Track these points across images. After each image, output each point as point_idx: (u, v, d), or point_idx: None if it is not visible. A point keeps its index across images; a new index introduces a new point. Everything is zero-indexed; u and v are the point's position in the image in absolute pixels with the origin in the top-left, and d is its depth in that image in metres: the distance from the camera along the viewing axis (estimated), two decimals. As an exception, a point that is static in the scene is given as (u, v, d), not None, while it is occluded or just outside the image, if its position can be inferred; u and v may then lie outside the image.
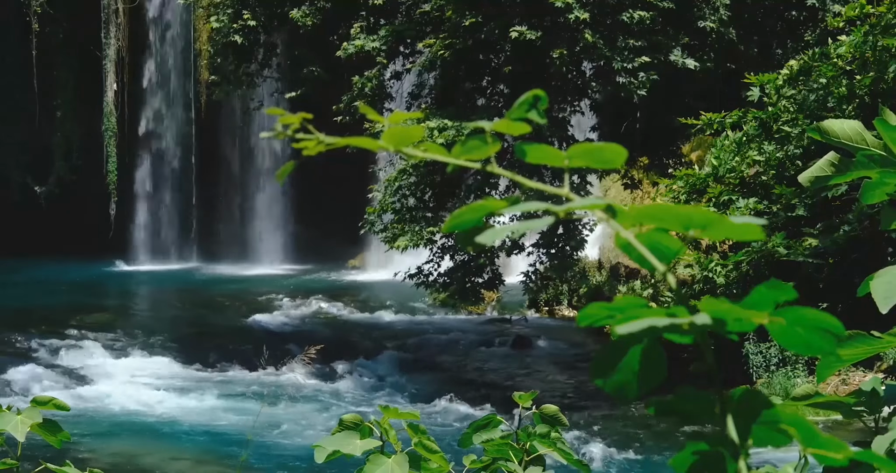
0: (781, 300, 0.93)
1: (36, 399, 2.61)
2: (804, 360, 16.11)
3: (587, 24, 18.41)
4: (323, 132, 1.06)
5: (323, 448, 2.39)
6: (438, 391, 18.55)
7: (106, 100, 37.87)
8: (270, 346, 19.69)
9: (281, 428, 16.33)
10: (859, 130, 1.73)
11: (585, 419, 16.47)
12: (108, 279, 34.45)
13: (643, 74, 18.35)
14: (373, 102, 20.24)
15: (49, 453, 2.71)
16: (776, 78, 16.43)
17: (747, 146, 16.43)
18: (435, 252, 20.00)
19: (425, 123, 18.10)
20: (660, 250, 0.96)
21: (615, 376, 0.95)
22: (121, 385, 19.26)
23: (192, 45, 38.01)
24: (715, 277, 15.92)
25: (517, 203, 0.96)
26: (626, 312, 0.93)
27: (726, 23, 18.96)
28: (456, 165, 1.04)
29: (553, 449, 2.48)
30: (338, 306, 27.69)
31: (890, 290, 1.55)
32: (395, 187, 19.46)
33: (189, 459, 15.12)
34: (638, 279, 25.18)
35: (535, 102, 1.02)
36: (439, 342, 23.36)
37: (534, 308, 26.74)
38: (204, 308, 27.78)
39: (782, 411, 0.93)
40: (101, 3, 37.36)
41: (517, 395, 2.54)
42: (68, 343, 21.88)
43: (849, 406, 1.68)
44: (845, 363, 1.57)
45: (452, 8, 19.08)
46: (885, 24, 15.43)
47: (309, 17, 20.80)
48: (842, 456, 0.95)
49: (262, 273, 35.71)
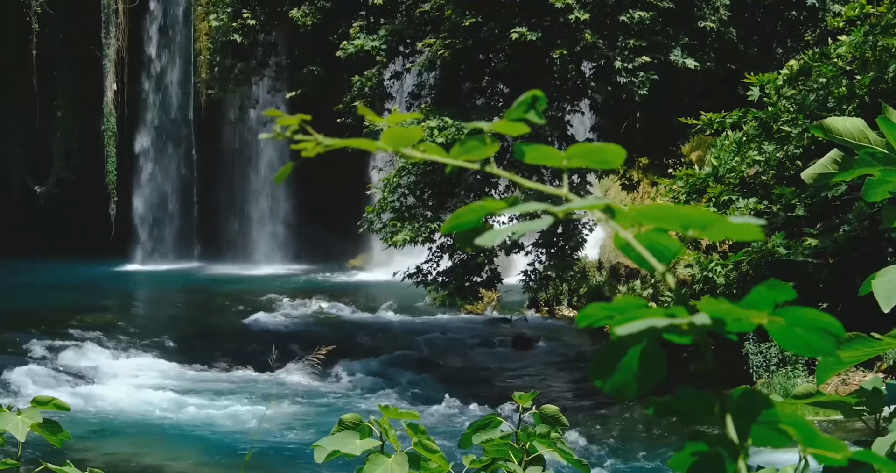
0: (781, 300, 0.93)
1: (36, 399, 2.61)
2: (804, 360, 16.10)
3: (587, 25, 18.41)
4: (323, 133, 1.06)
5: (322, 447, 2.39)
6: (438, 391, 18.55)
7: (106, 100, 37.87)
8: (271, 346, 19.69)
9: (281, 428, 16.33)
10: (862, 128, 1.73)
11: (585, 419, 16.46)
12: (109, 279, 34.45)
13: (643, 74, 18.35)
14: (373, 102, 20.24)
15: (49, 453, 2.72)
16: (776, 78, 16.42)
17: (747, 146, 16.42)
18: (434, 251, 20.00)
19: (425, 122, 18.10)
20: (659, 251, 0.96)
21: (615, 376, 0.95)
22: (121, 385, 19.25)
23: (192, 44, 38.01)
24: (715, 277, 15.92)
25: (516, 204, 0.96)
26: (626, 312, 0.93)
27: (726, 23, 18.96)
28: (455, 166, 1.04)
29: (553, 449, 2.48)
30: (338, 306, 27.69)
31: (891, 289, 1.55)
32: (395, 186, 19.46)
33: (189, 459, 15.12)
34: (638, 279, 25.19)
35: (534, 102, 1.02)
36: (439, 342, 23.36)
37: (534, 308, 26.74)
38: (204, 308, 27.78)
39: (782, 411, 0.93)
40: (101, 3, 37.36)
41: (517, 395, 2.54)
42: (68, 343, 21.87)
43: (849, 406, 1.68)
44: (845, 365, 1.57)
45: (452, 8, 19.08)
46: (885, 24, 15.42)
47: (309, 16, 20.80)
48: (841, 456, 0.95)
49: (262, 273, 35.73)
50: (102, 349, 21.85)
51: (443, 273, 20.11)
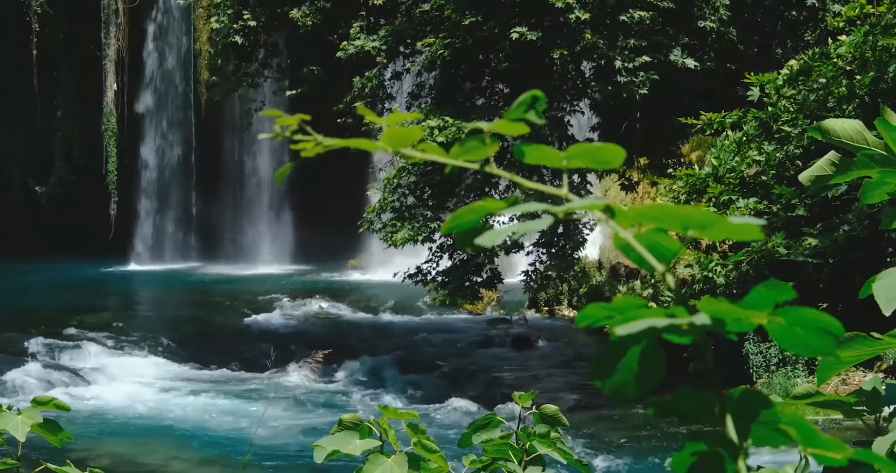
0: (781, 300, 0.93)
1: (36, 399, 2.61)
2: (804, 360, 16.10)
3: (587, 24, 18.41)
4: (323, 133, 1.06)
5: (322, 447, 2.39)
6: (438, 391, 18.55)
7: (106, 100, 37.87)
8: (270, 346, 19.69)
9: (281, 428, 16.33)
10: (860, 130, 1.73)
11: (585, 419, 16.46)
12: (109, 279, 34.46)
13: (643, 74, 18.35)
14: (373, 102, 20.24)
15: (49, 453, 2.72)
16: (776, 78, 16.42)
17: (747, 146, 16.42)
18: (434, 251, 20.01)
19: (425, 121, 18.10)
20: (659, 251, 0.96)
21: (614, 376, 0.95)
22: (121, 385, 19.26)
23: (192, 45, 38.03)
24: (715, 277, 15.91)
25: (516, 204, 0.96)
26: (626, 312, 0.92)
27: (726, 23, 18.95)
28: (455, 167, 1.04)
29: (553, 449, 2.48)
30: (338, 306, 27.69)
31: (892, 292, 1.55)
32: (395, 186, 19.46)
33: (189, 459, 15.12)
34: (638, 279, 25.19)
35: (534, 102, 1.02)
36: (439, 342, 23.36)
37: (534, 308, 26.74)
38: (204, 308, 27.77)
39: (782, 411, 0.93)
40: (101, 3, 37.37)
41: (517, 395, 2.54)
42: (68, 343, 21.88)
43: (849, 406, 1.68)
44: (845, 365, 1.57)
45: (452, 7, 19.07)
46: (885, 24, 15.42)
47: (309, 17, 20.79)
48: (841, 456, 0.95)
49: (262, 273, 35.73)
50: (102, 349, 21.85)
51: (443, 273, 20.12)
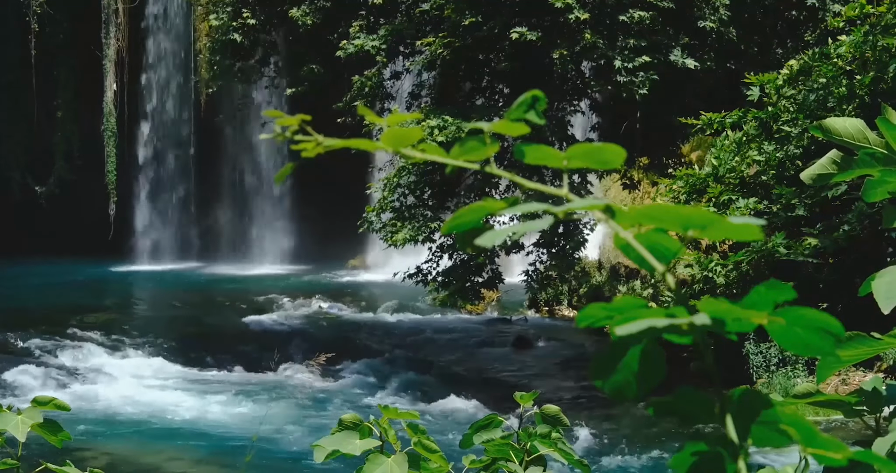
0: (781, 300, 0.93)
1: (36, 399, 2.61)
2: (804, 360, 16.10)
3: (587, 24, 18.41)
4: (323, 133, 1.06)
5: (322, 447, 2.39)
6: (438, 391, 18.54)
7: (106, 100, 37.86)
8: (271, 346, 19.70)
9: (280, 428, 16.32)
10: (861, 129, 1.73)
11: (586, 419, 16.46)
12: (109, 279, 34.45)
13: (643, 74, 18.34)
14: (373, 101, 20.23)
15: (49, 453, 2.71)
16: (776, 78, 16.42)
17: (747, 146, 16.42)
18: (434, 251, 20.00)
19: (425, 121, 18.09)
20: (659, 251, 0.96)
21: (614, 376, 0.95)
22: (121, 385, 19.25)
23: (192, 44, 38.02)
24: (715, 277, 15.91)
25: (516, 204, 0.96)
26: (626, 312, 0.93)
27: (726, 23, 18.95)
28: (455, 167, 1.04)
29: (554, 449, 2.48)
30: (338, 306, 27.69)
31: (892, 290, 1.55)
32: (395, 186, 19.46)
33: (189, 459, 15.12)
34: (638, 279, 25.19)
35: (534, 102, 1.02)
36: (439, 342, 23.36)
37: (534, 308, 26.74)
38: (204, 308, 27.77)
39: (782, 411, 0.93)
40: (101, 3, 37.37)
41: (518, 395, 2.54)
42: (68, 343, 21.87)
43: (850, 406, 1.68)
44: (845, 364, 1.57)
45: (452, 7, 19.07)
46: (885, 24, 15.42)
47: (308, 16, 20.80)
48: (841, 456, 0.95)
49: (262, 273, 35.72)
50: (102, 349, 21.85)
51: (443, 273, 20.11)
